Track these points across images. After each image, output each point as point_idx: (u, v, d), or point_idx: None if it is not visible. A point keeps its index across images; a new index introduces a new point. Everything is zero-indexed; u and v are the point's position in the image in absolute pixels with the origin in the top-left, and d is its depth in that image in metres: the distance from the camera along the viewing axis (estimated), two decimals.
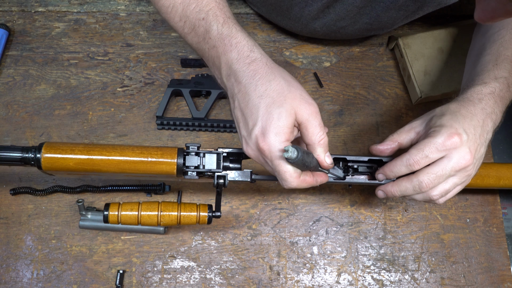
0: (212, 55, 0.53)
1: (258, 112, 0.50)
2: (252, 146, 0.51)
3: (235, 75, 0.51)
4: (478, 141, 0.58)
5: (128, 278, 0.71)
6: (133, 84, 0.83)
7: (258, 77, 0.51)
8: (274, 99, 0.50)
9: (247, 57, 0.51)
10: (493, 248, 0.76)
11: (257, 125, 0.50)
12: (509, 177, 0.68)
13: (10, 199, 0.75)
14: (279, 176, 0.52)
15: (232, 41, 0.51)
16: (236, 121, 0.54)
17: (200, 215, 0.60)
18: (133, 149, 0.58)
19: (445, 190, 0.58)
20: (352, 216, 0.77)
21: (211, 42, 0.52)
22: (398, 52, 0.84)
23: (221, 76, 0.54)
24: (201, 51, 0.55)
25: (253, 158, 0.53)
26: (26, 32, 0.86)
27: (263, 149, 0.50)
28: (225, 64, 0.52)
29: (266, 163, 0.53)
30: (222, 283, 0.72)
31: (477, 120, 0.58)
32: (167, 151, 0.59)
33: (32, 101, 0.81)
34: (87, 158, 0.57)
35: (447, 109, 0.60)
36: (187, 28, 0.54)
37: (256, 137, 0.50)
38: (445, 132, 0.56)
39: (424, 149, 0.56)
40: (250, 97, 0.50)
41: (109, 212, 0.59)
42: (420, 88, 0.79)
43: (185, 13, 0.54)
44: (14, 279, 0.71)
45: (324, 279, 0.73)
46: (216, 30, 0.52)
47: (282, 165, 0.50)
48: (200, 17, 0.53)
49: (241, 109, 0.51)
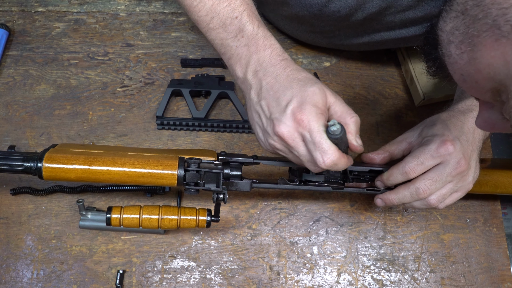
0: (241, 53, 0.54)
1: (292, 90, 0.51)
2: (287, 122, 0.50)
3: (264, 70, 0.53)
4: (470, 147, 0.59)
5: (128, 278, 0.71)
6: (133, 84, 0.83)
7: (289, 70, 0.53)
8: (305, 81, 0.51)
9: (279, 56, 0.54)
10: (493, 248, 0.76)
11: (293, 100, 0.50)
12: (506, 186, 0.68)
13: (10, 199, 0.75)
14: (319, 149, 0.49)
15: (266, 42, 0.54)
16: (262, 110, 0.53)
17: (199, 219, 0.61)
18: (133, 163, 0.58)
19: (442, 195, 0.59)
20: (352, 216, 0.77)
21: (243, 41, 0.54)
22: (400, 54, 0.84)
23: (245, 72, 0.55)
24: (225, 47, 0.56)
25: (286, 137, 0.50)
26: (26, 32, 0.86)
27: (301, 119, 0.49)
28: (255, 61, 0.54)
29: (298, 143, 0.50)
30: (222, 283, 0.72)
31: (467, 128, 0.59)
32: (167, 164, 0.59)
33: (32, 101, 0.81)
34: (88, 169, 0.58)
35: (438, 119, 0.62)
36: (214, 23, 0.55)
37: (293, 110, 0.49)
38: (438, 139, 0.57)
39: (419, 156, 0.57)
40: (282, 83, 0.52)
41: (111, 215, 0.60)
42: (423, 90, 0.79)
43: (214, 9, 0.55)
44: (14, 279, 0.71)
45: (324, 279, 0.73)
46: (251, 30, 0.54)
47: (323, 137, 0.49)
48: (233, 15, 0.54)
49: (271, 95, 0.52)
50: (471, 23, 0.33)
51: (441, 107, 0.66)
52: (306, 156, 0.51)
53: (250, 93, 0.55)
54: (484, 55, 0.32)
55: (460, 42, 0.35)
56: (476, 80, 0.34)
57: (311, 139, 0.49)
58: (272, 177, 0.78)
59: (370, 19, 0.67)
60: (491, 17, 0.31)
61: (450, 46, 0.36)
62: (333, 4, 0.64)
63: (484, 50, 0.32)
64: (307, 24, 0.74)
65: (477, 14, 0.33)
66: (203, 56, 0.85)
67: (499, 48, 0.31)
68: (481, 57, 0.33)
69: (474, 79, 0.35)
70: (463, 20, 0.35)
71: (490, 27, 0.31)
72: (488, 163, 0.73)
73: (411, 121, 0.82)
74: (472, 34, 0.33)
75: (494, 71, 0.32)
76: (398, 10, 0.64)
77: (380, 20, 0.67)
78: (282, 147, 0.52)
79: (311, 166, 0.52)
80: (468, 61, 0.34)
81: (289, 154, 0.53)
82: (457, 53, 0.35)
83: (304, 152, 0.51)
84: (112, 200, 0.75)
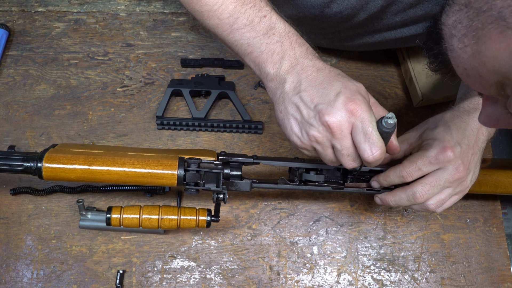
0: (273, 49, 0.54)
1: (339, 83, 0.50)
2: (338, 112, 0.48)
3: (302, 65, 0.53)
4: (471, 151, 0.58)
5: (128, 278, 0.71)
6: (133, 84, 0.83)
7: (329, 66, 0.53)
8: (349, 78, 0.52)
9: (315, 54, 0.54)
10: (493, 248, 0.76)
11: (343, 92, 0.49)
12: (506, 186, 0.68)
13: (10, 199, 0.75)
14: (369, 141, 0.48)
15: (299, 40, 0.54)
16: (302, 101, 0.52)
17: (199, 219, 0.61)
18: (133, 163, 0.58)
19: (440, 200, 0.58)
20: (352, 216, 0.77)
21: (274, 38, 0.54)
22: (400, 54, 0.84)
23: (278, 67, 0.54)
24: (252, 45, 0.55)
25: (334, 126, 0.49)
26: (26, 32, 0.86)
27: (355, 109, 0.48)
28: (290, 57, 0.53)
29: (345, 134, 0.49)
30: (222, 283, 0.72)
31: (470, 130, 0.59)
32: (167, 164, 0.59)
33: (32, 101, 0.81)
34: (88, 169, 0.57)
35: (441, 120, 0.61)
36: (238, 24, 0.55)
37: (345, 100, 0.49)
38: (437, 145, 0.57)
39: (417, 161, 0.57)
40: (326, 77, 0.51)
41: (111, 215, 0.60)
42: (421, 91, 0.79)
43: (238, 10, 0.54)
44: (14, 279, 0.70)
45: (324, 279, 0.73)
46: (283, 28, 0.54)
47: (375, 129, 0.48)
48: (261, 14, 0.54)
49: (314, 87, 0.51)
50: (475, 16, 0.33)
51: (440, 107, 0.66)
52: (349, 149, 0.50)
53: (284, 87, 0.53)
54: (489, 47, 0.32)
55: (463, 35, 0.35)
56: (480, 74, 0.34)
57: (363, 129, 0.48)
58: (272, 177, 0.78)
59: (371, 19, 0.67)
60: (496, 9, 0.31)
61: (453, 40, 0.36)
62: (335, 5, 0.64)
63: (489, 43, 0.32)
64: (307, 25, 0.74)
65: (481, 6, 0.32)
66: (203, 56, 0.85)
67: (504, 40, 0.31)
68: (486, 50, 0.32)
69: (478, 73, 0.34)
70: (466, 13, 0.34)
71: (495, 19, 0.31)
72: (488, 163, 0.73)
73: (411, 121, 0.82)
74: (476, 27, 0.33)
75: (499, 64, 0.32)
76: (399, 9, 0.64)
77: (381, 20, 0.67)
78: (323, 139, 0.51)
79: (349, 160, 0.51)
80: (472, 55, 0.34)
81: (327, 149, 0.52)
82: (460, 46, 0.35)
83: (349, 144, 0.50)
84: (112, 200, 0.75)
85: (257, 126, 0.79)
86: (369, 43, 0.75)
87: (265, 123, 0.81)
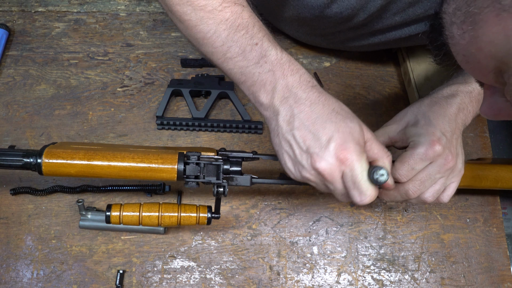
0: (265, 79, 0.53)
1: (332, 125, 0.50)
2: (329, 159, 0.50)
3: (295, 96, 0.52)
4: (455, 135, 0.59)
5: (128, 278, 0.71)
6: (133, 84, 0.83)
7: (324, 98, 0.52)
8: (344, 115, 0.51)
9: (309, 82, 0.53)
10: (493, 248, 0.76)
11: (335, 137, 0.50)
12: (507, 180, 0.68)
13: (10, 199, 0.75)
14: (357, 189, 0.51)
15: (292, 67, 0.53)
16: (295, 141, 0.52)
17: (200, 216, 0.61)
18: (133, 157, 0.58)
19: (436, 191, 0.58)
20: (352, 216, 0.77)
21: (266, 66, 0.53)
22: (401, 55, 0.84)
23: (271, 98, 0.53)
24: (245, 74, 0.54)
25: (325, 173, 0.51)
26: (26, 32, 0.86)
27: (346, 158, 0.49)
28: (283, 87, 0.52)
29: (336, 180, 0.51)
30: (222, 283, 0.72)
31: (450, 115, 0.59)
32: (167, 158, 0.59)
33: (32, 101, 0.81)
34: (88, 164, 0.57)
35: (419, 111, 0.61)
36: (231, 52, 0.53)
37: (336, 148, 0.49)
38: (425, 141, 0.57)
39: (409, 161, 0.56)
40: (319, 114, 0.51)
41: (111, 212, 0.60)
42: (419, 93, 0.79)
43: (231, 38, 0.53)
44: (14, 279, 0.70)
45: (324, 279, 0.73)
46: (275, 55, 0.53)
47: (364, 179, 0.50)
48: (253, 42, 0.53)
49: (307, 126, 0.51)
50: (472, 1, 0.33)
51: None
52: (341, 191, 0.53)
53: (278, 119, 0.53)
54: (486, 32, 0.32)
55: (461, 22, 0.35)
56: (478, 59, 0.34)
57: (352, 178, 0.50)
58: (272, 175, 0.78)
59: (371, 19, 0.67)
60: None
61: (453, 27, 0.36)
62: (335, 6, 0.64)
63: (486, 27, 0.32)
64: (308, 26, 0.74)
65: None
66: (203, 56, 0.85)
67: (500, 23, 0.31)
68: (483, 35, 0.32)
69: (476, 59, 0.34)
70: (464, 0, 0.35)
71: (491, 2, 0.31)
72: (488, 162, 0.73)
73: None
74: (473, 12, 0.33)
75: (495, 48, 0.32)
76: (399, 8, 0.64)
77: (381, 20, 0.67)
78: (316, 180, 0.53)
79: (343, 198, 0.54)
80: (470, 41, 0.34)
81: (321, 186, 0.54)
82: (458, 33, 0.35)
83: (340, 187, 0.52)
84: (112, 200, 0.75)
85: (257, 126, 0.79)
86: (370, 43, 0.75)
87: (265, 123, 0.81)
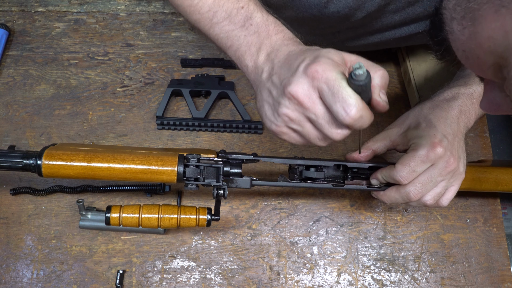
0: (250, 41, 0.53)
1: (307, 53, 0.47)
2: (299, 79, 0.45)
3: (277, 51, 0.50)
4: (456, 138, 0.59)
5: (128, 278, 0.71)
6: (133, 84, 0.83)
7: (303, 47, 0.50)
8: (320, 48, 0.48)
9: (292, 39, 0.52)
10: (493, 248, 0.76)
11: (306, 58, 0.46)
12: (507, 183, 0.68)
13: (10, 199, 0.75)
14: (339, 100, 0.43)
15: (277, 28, 0.53)
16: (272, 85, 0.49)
17: (200, 218, 0.61)
18: (133, 159, 0.58)
19: (436, 194, 0.58)
20: (352, 216, 0.77)
21: (252, 29, 0.53)
22: (401, 55, 0.84)
23: (256, 59, 0.52)
24: (231, 38, 0.54)
25: (300, 96, 0.45)
26: (26, 32, 0.86)
27: (316, 71, 0.43)
28: (267, 46, 0.52)
29: (314, 100, 0.45)
30: (222, 283, 0.72)
31: (451, 118, 0.59)
32: (167, 160, 0.59)
33: (32, 101, 0.81)
34: (88, 166, 0.57)
35: (420, 114, 0.61)
36: (217, 17, 0.54)
37: (305, 66, 0.45)
38: (426, 143, 0.56)
39: (410, 163, 0.56)
40: (296, 53, 0.49)
41: (110, 214, 0.60)
42: (419, 93, 0.79)
43: (217, 3, 0.54)
44: (14, 279, 0.70)
45: (324, 279, 0.73)
46: (261, 17, 0.53)
47: (343, 86, 0.43)
48: (239, 6, 0.54)
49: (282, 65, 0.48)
50: None
51: None
52: (326, 116, 0.45)
53: (262, 76, 0.50)
54: (485, 28, 0.32)
55: (461, 17, 0.35)
56: (478, 55, 0.34)
57: (329, 90, 0.43)
58: (272, 177, 0.78)
59: (370, 19, 0.67)
60: None
61: (453, 22, 0.36)
62: (332, 5, 0.64)
63: (485, 23, 0.32)
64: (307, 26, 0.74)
65: None
66: (203, 56, 0.85)
67: (499, 19, 0.31)
68: (482, 31, 0.33)
69: (475, 54, 0.35)
70: None
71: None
72: (488, 164, 0.73)
73: None
74: (473, 8, 0.33)
75: (494, 44, 0.32)
76: (398, 7, 0.64)
77: (380, 19, 0.67)
78: (295, 113, 0.46)
79: (333, 128, 0.46)
80: (469, 36, 0.34)
81: (304, 124, 0.47)
82: (458, 29, 0.35)
83: (323, 110, 0.45)
84: (112, 200, 0.75)
85: (257, 126, 0.79)
86: (370, 43, 0.75)
87: None
